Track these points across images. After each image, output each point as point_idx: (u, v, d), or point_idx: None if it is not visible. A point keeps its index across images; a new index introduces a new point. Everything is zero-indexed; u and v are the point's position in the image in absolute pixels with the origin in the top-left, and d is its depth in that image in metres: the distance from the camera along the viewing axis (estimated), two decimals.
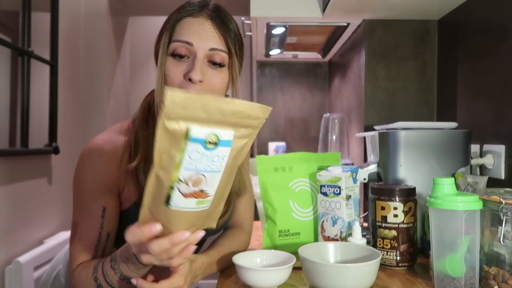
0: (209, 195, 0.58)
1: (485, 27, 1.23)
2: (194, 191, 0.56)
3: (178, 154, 0.54)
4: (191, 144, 0.53)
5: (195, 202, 0.57)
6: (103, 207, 0.81)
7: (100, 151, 0.81)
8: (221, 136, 0.55)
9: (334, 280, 0.72)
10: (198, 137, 0.53)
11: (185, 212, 0.57)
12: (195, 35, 0.79)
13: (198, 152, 0.54)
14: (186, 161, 0.54)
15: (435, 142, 1.07)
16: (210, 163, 0.55)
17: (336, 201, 0.99)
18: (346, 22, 1.69)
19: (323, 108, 2.57)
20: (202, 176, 0.55)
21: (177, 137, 0.53)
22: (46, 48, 1.76)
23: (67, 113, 2.02)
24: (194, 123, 0.53)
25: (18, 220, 1.58)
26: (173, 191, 0.56)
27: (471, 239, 0.73)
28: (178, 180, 0.55)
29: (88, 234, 0.80)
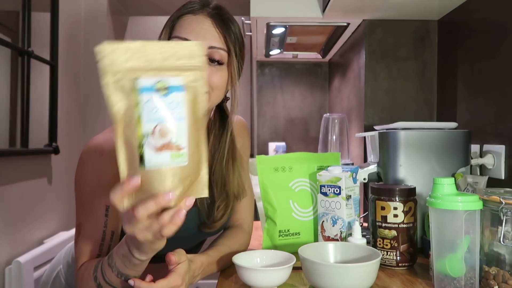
0: (181, 147, 0.55)
1: (485, 27, 1.23)
2: (163, 144, 0.54)
3: (135, 109, 0.53)
4: (143, 95, 0.53)
5: (169, 156, 0.54)
6: (106, 206, 0.80)
7: (100, 150, 0.81)
8: (169, 82, 0.54)
9: (334, 280, 0.72)
10: (147, 86, 0.53)
11: (162, 169, 0.54)
12: (193, 33, 0.79)
13: (153, 101, 0.53)
14: (145, 114, 0.53)
15: (435, 142, 1.07)
16: (170, 111, 0.54)
17: (336, 201, 0.99)
18: (346, 22, 1.69)
19: (323, 108, 2.57)
20: (166, 125, 0.54)
21: (127, 90, 0.53)
22: (46, 48, 1.76)
23: (67, 113, 2.02)
24: (138, 72, 0.53)
25: (18, 220, 1.58)
26: (143, 148, 0.54)
27: (471, 239, 0.73)
28: (144, 136, 0.54)
29: (92, 233, 0.80)
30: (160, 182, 0.55)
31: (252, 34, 1.97)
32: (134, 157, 0.55)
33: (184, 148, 0.55)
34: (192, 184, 0.58)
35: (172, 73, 0.55)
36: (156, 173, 0.55)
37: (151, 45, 0.54)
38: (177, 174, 0.55)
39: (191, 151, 0.56)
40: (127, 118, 0.54)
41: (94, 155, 0.81)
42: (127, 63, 0.53)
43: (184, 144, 0.55)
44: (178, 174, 0.55)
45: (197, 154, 0.58)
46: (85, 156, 0.82)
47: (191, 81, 0.56)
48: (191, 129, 0.56)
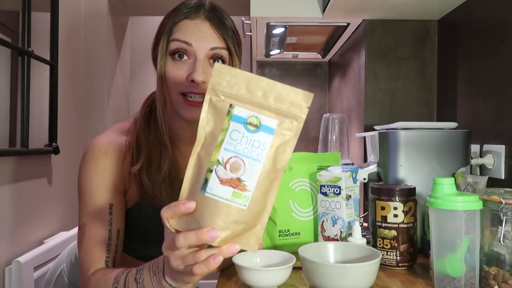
0: (247, 189, 0.53)
1: (485, 27, 1.23)
2: (231, 178, 0.53)
3: (221, 134, 0.54)
4: (233, 123, 0.54)
5: (231, 193, 0.53)
6: (110, 204, 0.79)
7: (105, 150, 0.81)
8: (263, 121, 0.54)
9: (334, 280, 0.72)
10: (240, 116, 0.54)
11: (219, 202, 0.53)
12: (193, 36, 0.79)
13: (239, 132, 0.53)
14: (227, 141, 0.53)
15: (435, 142, 1.07)
16: (250, 147, 0.53)
17: (336, 201, 0.99)
18: (346, 22, 1.69)
19: (323, 108, 2.57)
20: (241, 160, 0.53)
21: (221, 114, 0.54)
22: (46, 48, 1.76)
23: (67, 113, 2.02)
24: (238, 101, 0.54)
25: (18, 220, 1.58)
26: (211, 174, 0.53)
27: (471, 239, 0.72)
28: (217, 162, 0.53)
29: (98, 233, 0.78)
30: (211, 215, 0.53)
31: (252, 34, 1.97)
32: (199, 179, 0.54)
33: (249, 191, 0.54)
34: (244, 232, 0.55)
35: (269, 113, 0.54)
36: (212, 204, 0.53)
37: (260, 79, 0.54)
38: (232, 215, 0.54)
39: (255, 197, 0.54)
40: (210, 139, 0.55)
41: (98, 154, 0.81)
42: (232, 88, 0.54)
43: (251, 187, 0.54)
44: (232, 215, 0.54)
45: (261, 204, 0.55)
46: (88, 155, 0.82)
47: (284, 128, 0.55)
48: (264, 175, 0.54)
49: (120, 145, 0.83)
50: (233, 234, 0.54)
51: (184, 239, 0.53)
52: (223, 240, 0.54)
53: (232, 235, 0.54)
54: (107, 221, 0.79)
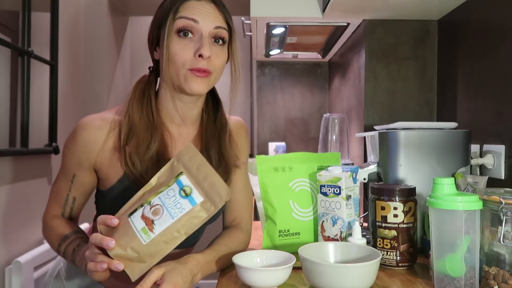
0: (153, 231, 0.70)
1: (485, 27, 1.23)
2: (148, 217, 0.71)
3: (165, 186, 0.73)
4: (175, 185, 0.73)
5: (141, 227, 0.70)
6: (73, 174, 0.91)
7: (83, 125, 0.89)
8: (193, 193, 0.72)
9: (334, 280, 0.72)
10: (182, 182, 0.73)
11: (131, 228, 0.71)
12: (200, 15, 0.85)
13: (174, 192, 0.72)
14: (163, 193, 0.72)
15: (435, 142, 1.07)
16: (174, 205, 0.71)
17: (336, 201, 0.99)
18: (346, 22, 1.69)
19: (323, 108, 2.57)
20: (162, 210, 0.71)
21: (173, 174, 0.74)
22: (46, 48, 1.76)
23: (67, 113, 2.02)
24: (187, 172, 0.74)
25: (18, 220, 1.58)
26: (140, 208, 0.72)
27: (471, 239, 0.73)
28: (148, 202, 0.72)
29: (59, 191, 0.93)
30: (121, 234, 0.71)
31: (252, 34, 1.97)
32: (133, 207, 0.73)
33: (154, 234, 0.70)
34: (134, 261, 0.71)
35: (201, 191, 0.73)
36: (127, 227, 0.71)
37: (208, 167, 0.75)
38: (133, 242, 0.70)
39: (155, 241, 0.70)
40: (157, 187, 0.74)
41: (78, 128, 0.89)
42: (189, 162, 0.75)
43: (156, 232, 0.70)
44: (133, 242, 0.70)
45: (157, 248, 0.71)
46: (74, 129, 0.91)
47: (203, 207, 0.72)
48: (170, 230, 0.70)
49: (103, 122, 0.89)
50: (126, 256, 0.70)
51: (94, 238, 0.71)
52: (117, 255, 0.70)
53: (125, 256, 0.70)
54: (68, 186, 0.92)
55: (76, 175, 0.91)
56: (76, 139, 0.89)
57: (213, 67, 0.86)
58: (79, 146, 0.89)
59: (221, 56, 0.88)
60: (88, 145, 0.88)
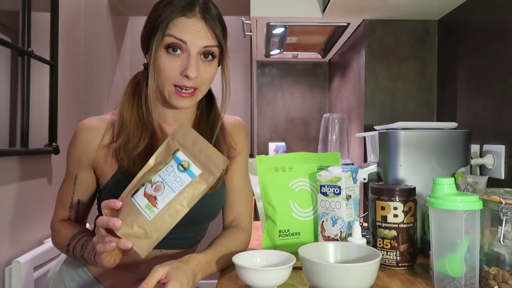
0: (157, 206, 0.72)
1: (485, 27, 1.23)
2: (151, 194, 0.73)
3: (162, 164, 0.76)
4: (173, 161, 0.75)
5: (145, 204, 0.72)
6: (75, 175, 0.94)
7: (82, 126, 0.93)
8: (191, 166, 0.75)
9: (334, 280, 0.72)
10: (179, 157, 0.75)
11: (135, 206, 0.73)
12: (189, 34, 0.85)
13: (172, 167, 0.75)
14: (163, 170, 0.75)
15: (435, 142, 1.07)
16: (173, 180, 0.73)
17: (336, 201, 0.99)
18: (346, 22, 1.69)
19: (323, 108, 2.57)
20: (163, 185, 0.73)
21: (169, 152, 0.77)
22: (46, 48, 1.76)
23: (67, 113, 2.02)
24: (182, 148, 0.76)
25: (18, 220, 1.58)
26: (141, 187, 0.74)
27: (471, 239, 0.73)
28: (149, 181, 0.74)
29: (64, 195, 0.96)
30: (126, 213, 0.73)
31: (252, 34, 1.97)
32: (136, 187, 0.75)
33: (157, 209, 0.72)
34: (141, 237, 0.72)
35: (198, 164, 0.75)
36: (131, 206, 0.73)
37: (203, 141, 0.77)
38: (139, 219, 0.72)
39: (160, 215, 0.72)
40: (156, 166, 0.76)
41: (78, 130, 0.93)
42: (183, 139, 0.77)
43: (160, 206, 0.72)
44: (139, 219, 0.72)
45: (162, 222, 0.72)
46: (75, 130, 0.94)
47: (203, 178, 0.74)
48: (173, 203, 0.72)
49: (100, 122, 0.93)
50: (133, 234, 0.72)
51: (101, 220, 0.73)
52: (124, 234, 0.72)
53: (132, 234, 0.72)
54: (71, 189, 0.95)
55: (78, 176, 0.94)
56: (75, 140, 0.93)
57: (201, 83, 0.88)
58: (78, 146, 0.92)
59: (210, 70, 0.89)
60: (86, 144, 0.91)
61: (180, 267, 0.76)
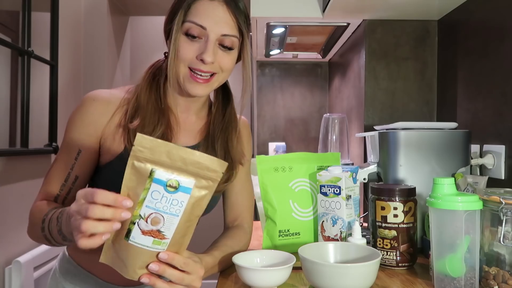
0: (165, 237, 0.63)
1: (485, 27, 1.23)
2: (151, 230, 0.62)
3: (143, 192, 0.61)
4: (154, 185, 0.61)
5: (151, 241, 0.62)
6: (78, 150, 0.86)
7: (93, 97, 0.87)
8: (181, 182, 0.62)
9: (334, 280, 0.72)
10: (160, 179, 0.61)
11: (140, 248, 0.63)
12: (208, 19, 0.82)
13: (159, 193, 0.61)
14: (148, 199, 0.61)
15: (435, 142, 1.07)
16: (169, 205, 0.62)
17: (336, 201, 0.99)
18: (346, 22, 1.69)
19: (323, 108, 2.57)
20: (161, 216, 0.62)
21: (143, 176, 0.61)
22: (46, 48, 1.76)
23: (67, 113, 2.02)
24: (159, 166, 0.61)
25: (18, 220, 1.58)
26: (134, 226, 0.62)
27: (471, 239, 0.73)
28: (139, 216, 0.61)
29: (60, 171, 0.86)
30: (134, 257, 0.63)
31: (252, 34, 1.97)
32: (123, 228, 0.63)
33: (167, 239, 0.63)
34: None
35: (187, 175, 0.62)
36: (135, 250, 0.63)
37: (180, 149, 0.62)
38: (153, 257, 0.64)
39: (173, 241, 0.64)
40: (133, 196, 0.62)
41: (86, 101, 0.87)
42: (154, 155, 0.61)
43: (169, 236, 0.63)
44: (153, 257, 0.64)
45: (178, 245, 0.65)
46: (81, 102, 0.87)
47: (200, 187, 0.63)
48: (181, 225, 0.63)
49: (113, 97, 0.88)
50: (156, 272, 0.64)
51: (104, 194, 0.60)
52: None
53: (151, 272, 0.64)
54: (70, 164, 0.86)
55: (82, 151, 0.86)
56: (85, 111, 0.86)
57: (218, 69, 0.85)
58: (89, 117, 0.86)
59: (228, 59, 0.86)
60: (97, 117, 0.86)
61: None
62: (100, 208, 0.59)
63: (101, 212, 0.59)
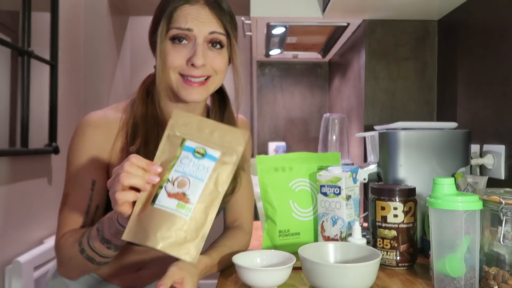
0: (190, 202, 0.64)
1: (485, 27, 1.23)
2: (177, 192, 0.64)
3: (173, 159, 0.66)
4: (184, 152, 0.66)
5: (176, 204, 0.63)
6: (92, 180, 0.83)
7: (94, 124, 0.84)
8: (208, 151, 0.67)
9: (334, 280, 0.72)
10: (190, 146, 0.67)
11: (165, 211, 0.63)
12: (193, 21, 0.81)
13: (188, 158, 0.66)
14: (177, 164, 0.66)
15: (435, 142, 1.07)
16: (196, 169, 0.65)
17: (336, 201, 0.99)
18: (346, 22, 1.69)
19: (323, 108, 2.57)
20: (187, 179, 0.64)
21: (175, 146, 0.67)
22: (46, 48, 1.76)
23: (67, 113, 2.02)
24: (189, 137, 0.67)
25: (18, 220, 1.58)
26: (161, 190, 0.64)
27: (471, 239, 0.73)
28: (167, 180, 0.64)
29: (78, 204, 0.82)
30: (157, 223, 0.63)
31: (252, 34, 1.97)
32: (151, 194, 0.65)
33: (192, 204, 0.64)
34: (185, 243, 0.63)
35: (214, 146, 0.67)
36: (159, 214, 0.63)
37: (209, 121, 0.69)
38: (176, 223, 0.63)
39: (197, 210, 0.64)
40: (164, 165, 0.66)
41: (88, 128, 0.83)
42: (186, 128, 0.68)
43: (193, 201, 0.64)
44: (176, 223, 0.63)
45: (202, 217, 0.65)
46: (79, 129, 0.84)
47: (225, 158, 0.67)
48: (206, 192, 0.65)
49: (112, 121, 0.86)
50: (176, 241, 0.63)
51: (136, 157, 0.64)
52: (167, 245, 0.62)
53: (175, 242, 0.63)
54: (88, 196, 0.83)
55: (96, 180, 0.83)
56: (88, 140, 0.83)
57: (211, 71, 0.84)
58: (95, 146, 0.83)
59: (219, 59, 0.84)
60: (102, 143, 0.84)
61: (195, 274, 0.77)
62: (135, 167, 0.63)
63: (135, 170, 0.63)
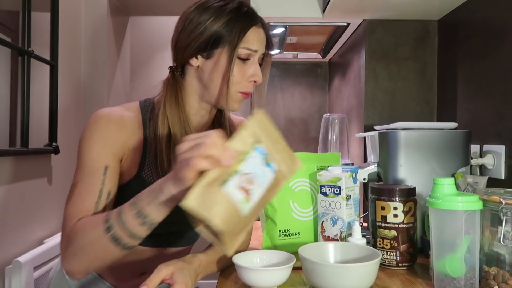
0: (252, 200, 0.66)
1: (485, 27, 1.23)
2: (246, 187, 0.65)
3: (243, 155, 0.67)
4: (255, 153, 0.68)
5: (242, 197, 0.65)
6: (105, 166, 0.82)
7: (108, 117, 0.84)
8: (271, 162, 0.70)
9: (334, 280, 0.72)
10: (261, 150, 0.69)
11: (231, 199, 0.63)
12: (258, 43, 0.89)
13: (256, 160, 0.68)
14: (249, 161, 0.67)
15: (435, 142, 1.07)
16: (262, 174, 0.68)
17: (336, 201, 0.99)
18: (346, 22, 1.69)
19: (323, 108, 2.57)
20: (255, 179, 0.67)
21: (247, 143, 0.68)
22: (46, 48, 1.76)
23: (67, 113, 2.02)
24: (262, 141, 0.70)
25: (18, 220, 1.58)
26: (231, 178, 0.64)
27: (471, 239, 0.73)
28: (237, 172, 0.65)
29: (89, 190, 0.80)
30: (221, 205, 0.62)
31: None
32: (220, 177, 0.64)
33: (252, 202, 0.66)
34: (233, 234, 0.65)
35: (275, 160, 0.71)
36: (226, 200, 0.63)
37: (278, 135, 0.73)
38: (235, 215, 0.64)
39: (251, 210, 0.66)
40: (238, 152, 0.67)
41: (102, 121, 0.84)
42: (263, 130, 0.71)
43: (254, 200, 0.66)
44: (235, 215, 0.64)
45: (249, 218, 0.67)
46: (93, 121, 0.84)
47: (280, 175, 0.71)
48: (262, 197, 0.68)
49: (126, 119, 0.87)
50: (229, 232, 0.63)
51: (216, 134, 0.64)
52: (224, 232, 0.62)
53: (229, 232, 0.63)
54: (100, 180, 0.81)
55: (109, 166, 0.82)
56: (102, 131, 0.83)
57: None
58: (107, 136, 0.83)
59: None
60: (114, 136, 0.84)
61: (184, 268, 0.76)
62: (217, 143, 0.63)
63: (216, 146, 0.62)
